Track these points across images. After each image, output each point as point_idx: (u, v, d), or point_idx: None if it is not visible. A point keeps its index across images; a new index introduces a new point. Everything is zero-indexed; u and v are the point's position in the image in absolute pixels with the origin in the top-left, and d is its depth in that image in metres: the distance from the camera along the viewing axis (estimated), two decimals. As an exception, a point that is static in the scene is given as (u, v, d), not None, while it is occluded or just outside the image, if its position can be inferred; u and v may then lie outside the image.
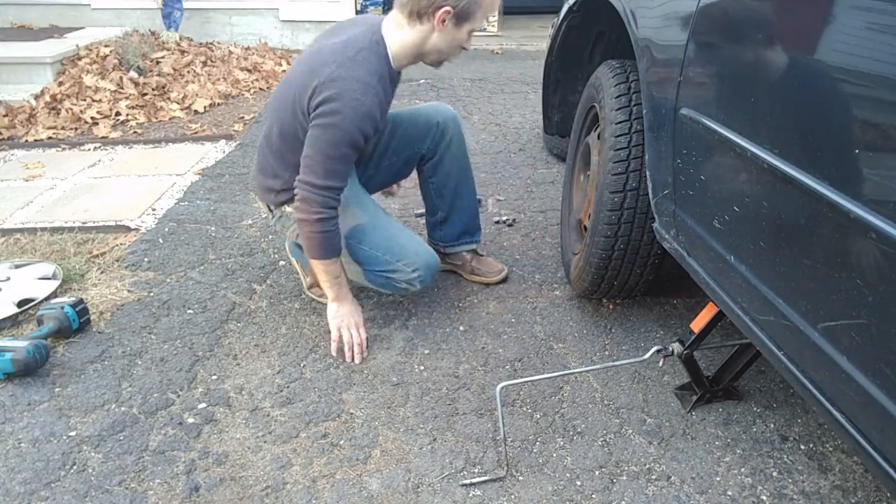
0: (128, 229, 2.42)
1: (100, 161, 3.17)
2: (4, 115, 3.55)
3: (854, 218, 0.84)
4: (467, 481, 1.33)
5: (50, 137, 3.45)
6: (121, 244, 2.29)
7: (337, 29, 1.69)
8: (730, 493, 1.32)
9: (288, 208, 1.74)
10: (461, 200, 2.03)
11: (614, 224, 1.60)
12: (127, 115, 3.74)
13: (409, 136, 1.92)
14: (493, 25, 6.69)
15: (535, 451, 1.42)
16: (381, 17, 1.63)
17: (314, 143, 1.55)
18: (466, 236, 2.08)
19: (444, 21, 1.53)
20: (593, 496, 1.31)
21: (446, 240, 2.08)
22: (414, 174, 2.06)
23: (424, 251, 1.77)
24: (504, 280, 2.09)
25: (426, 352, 1.75)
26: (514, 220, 2.49)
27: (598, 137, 1.80)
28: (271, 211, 1.82)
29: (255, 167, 1.81)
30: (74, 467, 1.36)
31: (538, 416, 1.52)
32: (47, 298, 1.90)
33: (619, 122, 1.60)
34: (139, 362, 1.69)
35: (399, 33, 1.58)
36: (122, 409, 1.52)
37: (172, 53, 4.44)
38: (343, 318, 1.72)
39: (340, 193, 1.60)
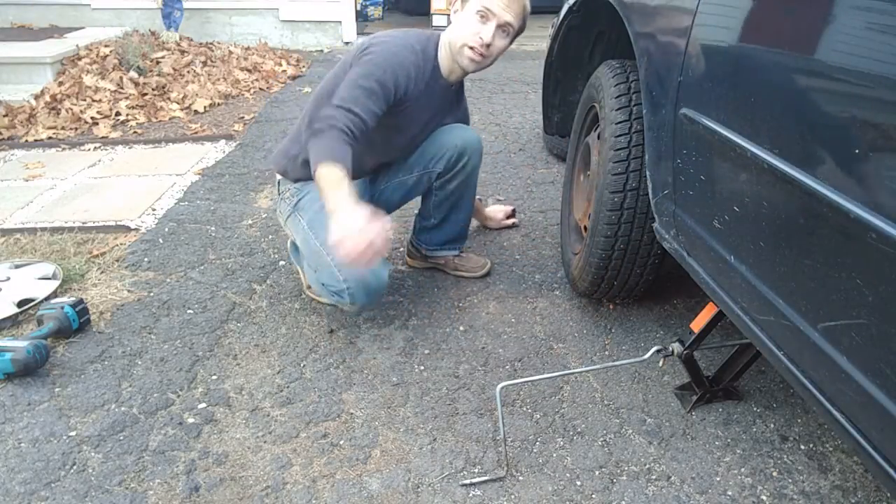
0: (128, 229, 2.42)
1: (100, 161, 3.17)
2: (4, 115, 3.55)
3: (854, 218, 0.84)
4: (467, 481, 1.33)
5: (50, 137, 3.45)
6: (121, 244, 2.29)
7: None
8: (730, 493, 1.32)
9: (288, 192, 1.81)
10: (456, 215, 2.03)
11: (614, 224, 1.60)
12: (127, 115, 3.74)
13: (426, 152, 1.91)
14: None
15: (535, 451, 1.42)
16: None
17: (347, 77, 1.61)
18: (450, 244, 2.10)
19: (455, 2, 1.63)
20: (593, 496, 1.31)
21: (430, 243, 2.09)
22: None
23: (367, 269, 1.52)
24: (487, 274, 2.11)
25: (426, 352, 1.75)
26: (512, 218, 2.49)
27: (598, 137, 1.80)
28: (279, 193, 1.87)
29: (284, 139, 1.88)
30: (74, 467, 1.36)
31: (538, 416, 1.52)
32: (47, 298, 1.90)
33: (619, 122, 1.60)
34: (139, 362, 1.69)
35: (442, 39, 1.69)
36: (122, 409, 1.52)
37: (172, 53, 4.44)
38: (339, 233, 1.37)
39: (357, 123, 1.53)
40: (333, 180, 1.46)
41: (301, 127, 1.78)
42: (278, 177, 1.88)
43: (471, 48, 1.62)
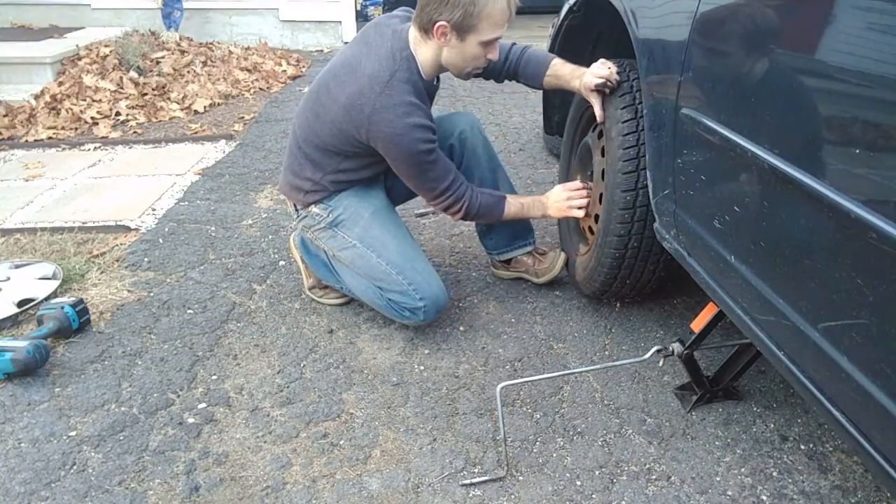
0: (128, 229, 2.42)
1: (100, 161, 3.17)
2: (4, 115, 3.55)
3: (854, 218, 0.84)
4: (467, 481, 1.33)
5: (50, 137, 3.45)
6: (121, 244, 2.29)
7: (365, 41, 1.66)
8: (730, 493, 1.32)
9: (315, 209, 1.76)
10: (502, 189, 1.92)
11: (627, 223, 1.59)
12: (127, 115, 3.74)
13: None
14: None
15: (535, 451, 1.42)
16: (406, 25, 1.62)
17: (405, 173, 1.67)
18: (518, 240, 2.01)
19: (445, 35, 1.53)
20: (593, 496, 1.31)
21: (499, 247, 2.01)
22: None
23: (436, 284, 1.74)
24: (566, 264, 1.99)
25: (426, 352, 1.75)
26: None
27: (599, 137, 1.80)
28: (297, 210, 1.82)
29: (284, 165, 1.83)
30: (74, 467, 1.36)
31: (538, 416, 1.52)
32: (47, 298, 1.90)
33: (627, 121, 1.59)
34: (139, 362, 1.69)
35: (421, 48, 1.60)
36: (122, 409, 1.52)
37: (172, 53, 4.44)
38: (558, 205, 1.82)
39: (458, 179, 1.70)
40: (519, 208, 1.80)
41: (308, 166, 1.72)
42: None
43: (476, 67, 1.66)
